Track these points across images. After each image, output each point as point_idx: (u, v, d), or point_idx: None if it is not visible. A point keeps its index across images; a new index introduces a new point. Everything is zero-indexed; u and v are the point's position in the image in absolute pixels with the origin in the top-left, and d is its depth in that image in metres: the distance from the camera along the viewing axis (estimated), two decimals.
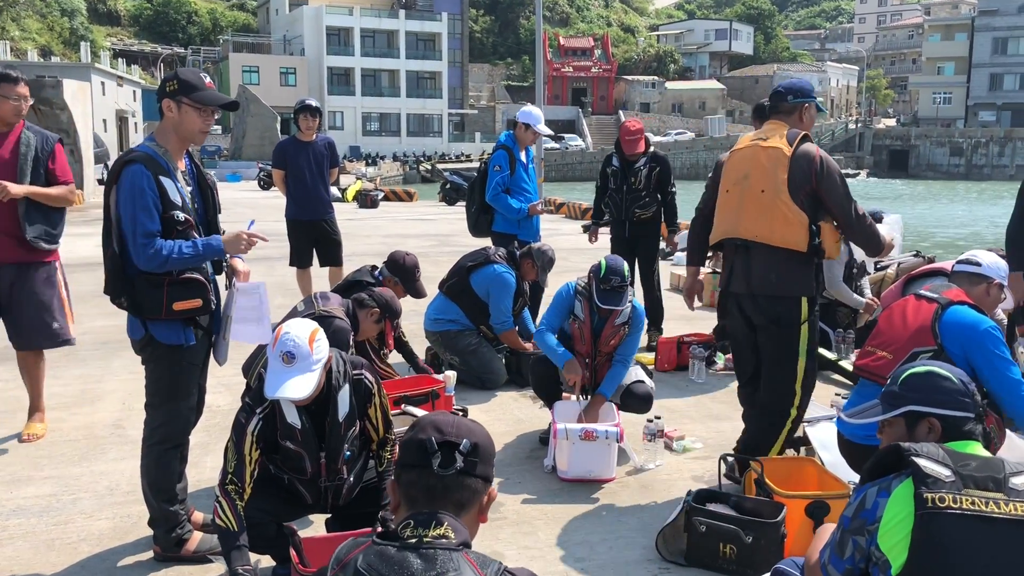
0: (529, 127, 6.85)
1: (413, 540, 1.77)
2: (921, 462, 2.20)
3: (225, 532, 3.08)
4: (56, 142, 4.81)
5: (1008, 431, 3.75)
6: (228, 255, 3.52)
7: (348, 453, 3.32)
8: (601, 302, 4.73)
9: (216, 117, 3.55)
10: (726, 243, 4.27)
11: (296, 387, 3.01)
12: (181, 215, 3.33)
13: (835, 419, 4.41)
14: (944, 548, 2.14)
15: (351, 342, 4.75)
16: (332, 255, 7.99)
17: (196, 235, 3.39)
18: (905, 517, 2.20)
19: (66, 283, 5.03)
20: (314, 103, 7.79)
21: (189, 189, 3.43)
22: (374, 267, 5.43)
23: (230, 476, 3.13)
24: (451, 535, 1.79)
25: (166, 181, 3.31)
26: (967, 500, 2.13)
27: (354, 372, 3.31)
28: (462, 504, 1.88)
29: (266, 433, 3.19)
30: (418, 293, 5.49)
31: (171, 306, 3.32)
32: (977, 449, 2.37)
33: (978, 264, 3.87)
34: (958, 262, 3.98)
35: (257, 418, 3.16)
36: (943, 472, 2.18)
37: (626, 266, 4.80)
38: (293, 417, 3.18)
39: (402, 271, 5.35)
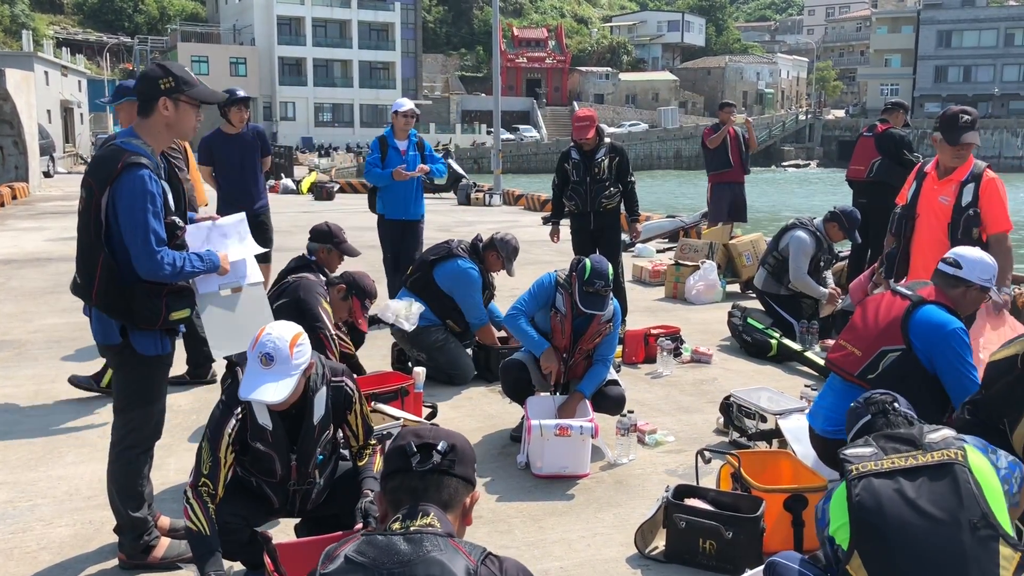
0: (396, 112, 7.70)
1: (400, 530, 1.89)
2: (847, 451, 2.53)
3: (197, 535, 2.98)
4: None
5: None
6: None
7: (320, 457, 3.26)
8: (584, 306, 4.62)
9: None
10: None
11: (271, 391, 2.92)
12: (179, 220, 3.28)
13: (806, 412, 4.43)
14: (875, 509, 2.34)
15: (326, 296, 4.78)
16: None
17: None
18: (842, 499, 2.43)
19: None
20: (244, 93, 7.19)
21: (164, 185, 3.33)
22: (300, 256, 5.24)
23: (203, 478, 3.02)
24: (436, 524, 1.91)
25: (164, 185, 3.23)
26: (888, 462, 2.42)
27: (333, 378, 3.24)
28: (445, 503, 1.99)
29: (240, 434, 3.10)
30: (351, 252, 5.33)
31: (168, 316, 3.24)
32: None
33: (959, 267, 3.71)
34: (942, 260, 3.82)
35: (235, 419, 3.07)
36: (866, 451, 2.49)
37: (611, 269, 4.73)
38: (264, 419, 3.10)
39: (328, 235, 5.24)
